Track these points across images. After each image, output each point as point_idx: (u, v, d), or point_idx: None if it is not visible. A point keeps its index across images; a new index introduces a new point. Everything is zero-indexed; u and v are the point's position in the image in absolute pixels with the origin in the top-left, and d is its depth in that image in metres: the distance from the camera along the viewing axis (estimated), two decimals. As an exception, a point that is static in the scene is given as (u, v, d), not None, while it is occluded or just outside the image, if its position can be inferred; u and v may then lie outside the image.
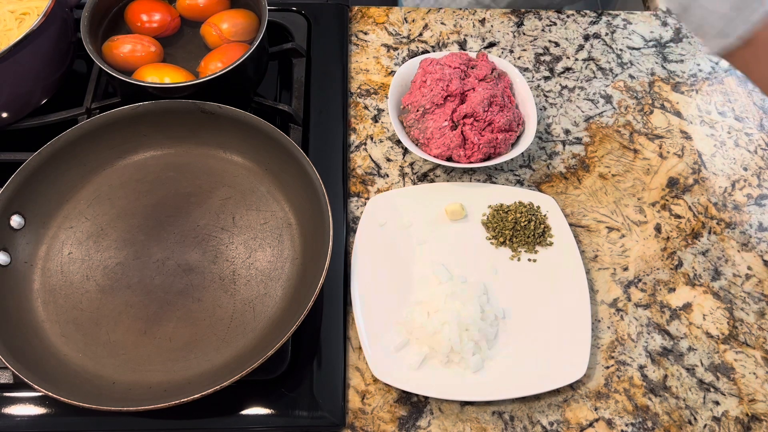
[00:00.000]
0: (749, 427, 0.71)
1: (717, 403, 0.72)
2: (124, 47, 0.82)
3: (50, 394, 0.62)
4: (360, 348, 0.73)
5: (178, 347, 0.70)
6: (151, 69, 0.81)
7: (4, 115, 0.81)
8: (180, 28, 0.88)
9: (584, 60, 0.97)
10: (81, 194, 0.79)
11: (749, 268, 0.81)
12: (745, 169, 0.88)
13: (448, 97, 0.83)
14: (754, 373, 0.74)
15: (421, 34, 0.99)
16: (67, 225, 0.77)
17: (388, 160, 0.87)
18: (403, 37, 0.99)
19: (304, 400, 0.70)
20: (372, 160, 0.87)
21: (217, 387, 0.62)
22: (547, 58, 0.97)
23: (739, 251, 0.82)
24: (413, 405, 0.71)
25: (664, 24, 1.02)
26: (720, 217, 0.84)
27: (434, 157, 0.82)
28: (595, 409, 0.71)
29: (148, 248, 0.76)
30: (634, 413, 0.71)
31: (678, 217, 0.84)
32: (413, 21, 1.00)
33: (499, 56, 0.97)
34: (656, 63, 0.98)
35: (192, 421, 0.68)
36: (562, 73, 0.96)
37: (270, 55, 0.90)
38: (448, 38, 0.99)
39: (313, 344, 0.73)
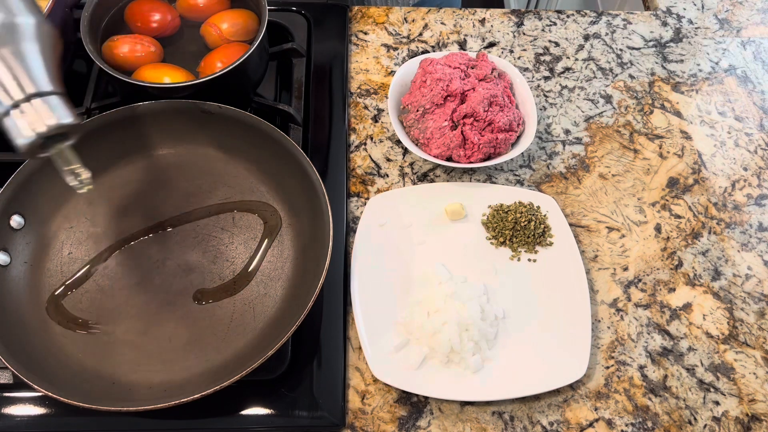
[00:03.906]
0: (749, 427, 0.71)
1: (717, 403, 0.72)
2: (124, 47, 0.82)
3: (50, 394, 0.62)
4: (360, 348, 0.73)
5: (178, 347, 0.70)
6: (151, 69, 0.81)
7: (4, 115, 0.81)
8: (180, 28, 0.88)
9: (584, 60, 0.97)
10: (81, 194, 0.79)
11: (749, 268, 0.81)
12: (745, 169, 0.88)
13: (448, 97, 0.83)
14: (754, 373, 0.74)
15: (421, 34, 0.99)
16: (67, 225, 0.77)
17: (388, 160, 0.87)
18: (403, 37, 0.99)
19: (304, 400, 0.70)
20: (372, 160, 0.87)
21: (217, 387, 0.62)
22: (547, 58, 0.97)
23: (739, 251, 0.82)
24: (413, 405, 0.71)
25: (664, 24, 1.02)
26: (720, 217, 0.84)
27: (434, 157, 0.82)
28: (595, 409, 0.71)
29: (148, 248, 0.76)
30: (634, 413, 0.71)
31: (678, 217, 0.84)
32: (413, 21, 1.00)
33: (499, 56, 0.97)
34: (656, 63, 0.97)
35: (192, 421, 0.68)
36: (562, 73, 0.96)
37: (270, 55, 0.90)
38: (448, 38, 0.99)
39: (313, 344, 0.73)
